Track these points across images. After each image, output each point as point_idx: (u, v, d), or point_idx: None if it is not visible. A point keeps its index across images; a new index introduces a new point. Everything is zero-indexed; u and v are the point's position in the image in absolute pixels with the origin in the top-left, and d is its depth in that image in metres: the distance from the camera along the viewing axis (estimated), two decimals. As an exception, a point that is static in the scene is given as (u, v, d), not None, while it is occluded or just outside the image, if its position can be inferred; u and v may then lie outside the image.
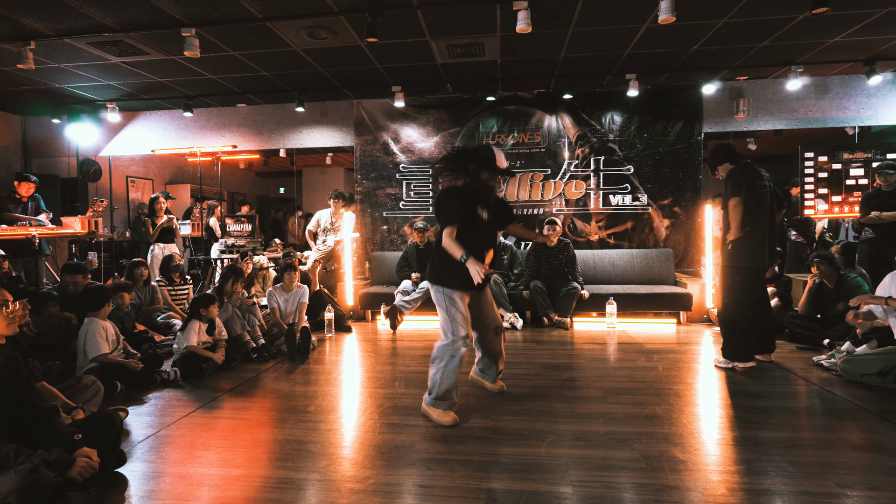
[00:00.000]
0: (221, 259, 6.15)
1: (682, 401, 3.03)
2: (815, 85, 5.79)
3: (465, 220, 2.71)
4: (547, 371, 3.67)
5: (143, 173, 8.67)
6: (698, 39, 4.63)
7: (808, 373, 3.54)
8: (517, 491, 2.01)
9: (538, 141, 6.23)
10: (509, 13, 3.83)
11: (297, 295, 4.70)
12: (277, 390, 3.38)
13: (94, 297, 3.40)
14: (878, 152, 5.83)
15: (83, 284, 4.06)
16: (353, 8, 3.87)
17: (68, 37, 4.26)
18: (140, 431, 2.69)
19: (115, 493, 2.07)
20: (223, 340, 3.95)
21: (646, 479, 2.09)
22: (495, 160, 2.75)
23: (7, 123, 6.86)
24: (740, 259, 3.54)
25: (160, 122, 6.91)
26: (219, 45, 4.56)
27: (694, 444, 2.43)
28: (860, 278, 4.22)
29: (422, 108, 6.40)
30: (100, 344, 3.31)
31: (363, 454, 2.38)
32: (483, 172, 2.77)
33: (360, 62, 5.12)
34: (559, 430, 2.60)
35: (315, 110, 6.61)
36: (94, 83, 5.63)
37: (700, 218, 5.91)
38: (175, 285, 5.22)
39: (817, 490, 1.99)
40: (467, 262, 2.59)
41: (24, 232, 5.03)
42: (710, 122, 5.99)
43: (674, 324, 5.32)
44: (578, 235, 6.21)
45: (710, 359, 3.96)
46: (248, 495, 2.02)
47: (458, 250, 2.63)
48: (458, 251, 2.63)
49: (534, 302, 5.27)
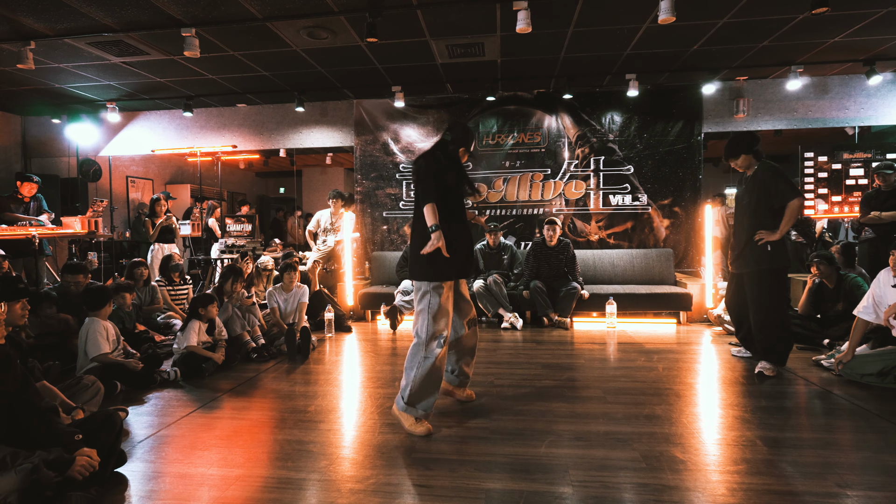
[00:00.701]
0: (221, 259, 6.15)
1: (681, 401, 3.03)
2: (815, 85, 5.79)
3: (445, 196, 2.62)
4: (547, 371, 3.67)
5: (143, 173, 8.67)
6: (698, 39, 4.64)
7: (807, 373, 3.54)
8: (517, 491, 2.01)
9: (538, 141, 6.23)
10: (509, 13, 3.83)
11: (296, 295, 4.70)
12: (277, 390, 3.38)
13: (96, 297, 3.40)
14: (878, 152, 5.84)
15: (84, 284, 4.06)
16: (352, 8, 3.87)
17: (68, 37, 4.26)
18: (140, 431, 2.69)
19: (115, 492, 2.07)
20: (223, 340, 3.96)
21: (646, 479, 2.09)
22: (471, 140, 2.78)
23: (7, 123, 6.85)
24: (782, 260, 3.42)
25: (160, 122, 6.91)
26: (219, 45, 4.56)
27: (694, 443, 2.43)
28: (860, 278, 4.22)
29: (422, 108, 6.40)
30: (100, 343, 3.31)
31: (363, 454, 2.38)
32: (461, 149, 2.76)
33: (360, 62, 5.12)
34: (559, 430, 2.60)
35: (315, 110, 6.61)
36: (94, 83, 5.63)
37: (700, 218, 5.91)
38: (175, 285, 5.22)
39: (817, 490, 1.99)
40: (434, 233, 2.50)
41: (24, 232, 5.03)
42: (709, 122, 5.99)
43: (674, 324, 5.32)
44: (578, 235, 6.21)
45: (711, 359, 3.96)
46: (248, 495, 2.02)
47: (433, 219, 2.52)
48: (433, 219, 2.52)
49: (534, 302, 5.27)
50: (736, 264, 3.64)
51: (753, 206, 3.49)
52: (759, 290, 3.48)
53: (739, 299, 3.69)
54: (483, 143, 6.32)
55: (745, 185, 3.60)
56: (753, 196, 3.49)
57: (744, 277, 3.58)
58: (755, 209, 3.48)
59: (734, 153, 3.53)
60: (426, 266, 2.61)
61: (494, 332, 5.03)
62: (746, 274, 3.54)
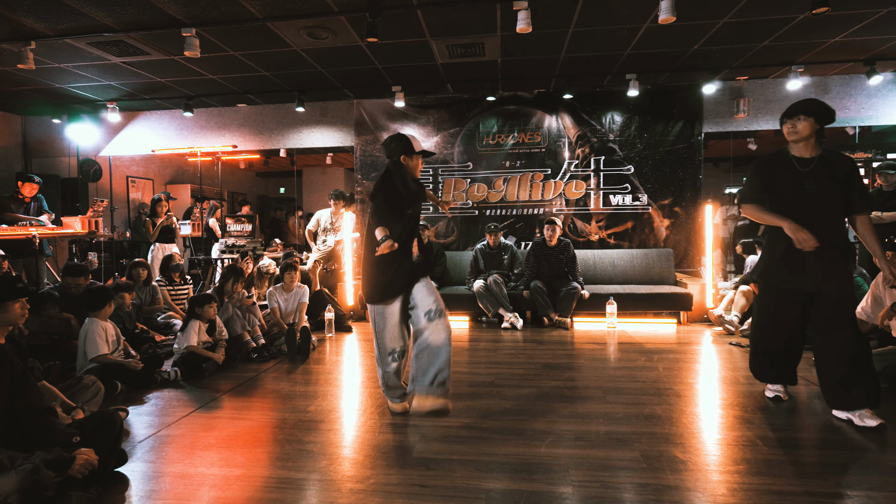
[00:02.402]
0: (222, 259, 6.15)
1: (682, 401, 3.03)
2: (816, 85, 5.79)
3: (394, 217, 2.66)
4: (547, 371, 3.67)
5: (143, 173, 8.67)
6: (698, 39, 4.63)
7: (808, 373, 3.54)
8: (517, 491, 2.01)
9: (538, 141, 6.23)
10: (509, 13, 3.83)
11: (297, 295, 4.70)
12: (278, 390, 3.38)
13: (97, 297, 3.40)
14: (879, 152, 5.84)
15: (85, 286, 4.06)
16: (353, 8, 3.87)
17: (68, 37, 4.26)
18: (140, 431, 2.69)
19: (115, 492, 2.07)
20: (223, 340, 3.96)
21: (646, 479, 2.09)
22: (410, 143, 2.75)
23: (7, 123, 6.86)
24: None
25: (160, 122, 6.91)
26: (219, 45, 4.56)
27: (694, 443, 2.42)
28: (860, 279, 4.22)
29: (422, 108, 6.40)
30: (99, 344, 3.31)
31: (363, 454, 2.38)
32: (404, 157, 2.75)
33: (361, 62, 5.12)
34: (559, 430, 2.59)
35: (315, 110, 6.61)
36: (95, 83, 5.63)
37: (700, 218, 5.91)
38: (175, 285, 5.22)
39: (818, 490, 1.99)
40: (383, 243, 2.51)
41: (24, 232, 5.03)
42: (710, 121, 5.99)
43: (674, 324, 5.31)
44: (579, 235, 6.21)
45: (711, 359, 3.96)
46: (249, 495, 2.02)
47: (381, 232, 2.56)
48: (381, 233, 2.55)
49: (534, 302, 5.27)
50: (811, 281, 2.68)
51: (830, 202, 2.66)
52: (851, 318, 2.71)
53: (797, 327, 2.84)
54: (483, 143, 6.32)
55: (805, 169, 2.69)
56: (830, 187, 2.64)
57: (824, 300, 2.68)
58: (833, 205, 2.66)
59: (808, 112, 2.68)
60: (371, 289, 2.77)
61: (495, 332, 5.03)
62: (836, 298, 2.65)
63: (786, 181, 2.73)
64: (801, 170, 2.70)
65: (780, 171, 2.76)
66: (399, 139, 2.76)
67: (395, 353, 2.77)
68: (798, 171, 2.71)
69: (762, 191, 2.81)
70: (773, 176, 2.78)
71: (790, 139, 2.75)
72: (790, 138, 2.75)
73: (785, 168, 2.75)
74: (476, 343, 4.62)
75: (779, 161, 2.79)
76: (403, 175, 2.73)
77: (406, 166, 2.77)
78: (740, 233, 7.60)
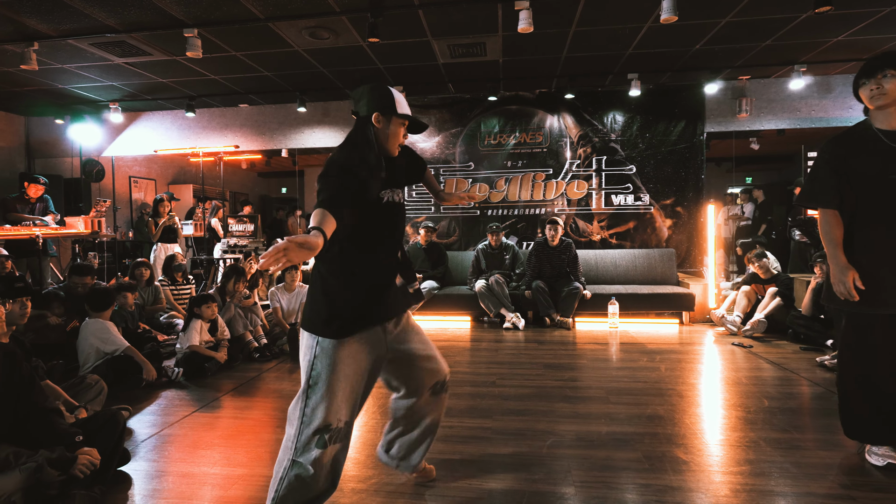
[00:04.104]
0: (224, 259, 6.16)
1: (684, 401, 3.02)
2: (819, 84, 5.77)
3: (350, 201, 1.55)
4: (549, 371, 3.67)
5: (145, 173, 8.69)
6: (700, 39, 4.63)
7: (811, 373, 3.53)
8: (519, 491, 2.01)
9: (540, 141, 6.22)
10: (511, 13, 3.83)
11: (299, 294, 4.71)
12: (279, 390, 3.39)
13: (100, 298, 3.42)
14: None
15: (91, 285, 4.07)
16: (354, 8, 3.88)
17: (71, 38, 4.27)
18: (143, 430, 2.70)
19: (118, 491, 2.07)
20: (226, 340, 3.97)
21: (648, 479, 2.09)
22: (391, 97, 1.71)
23: (11, 124, 6.88)
24: None
25: (163, 122, 6.93)
26: (221, 45, 4.57)
27: (696, 444, 2.42)
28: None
29: (423, 108, 6.40)
30: (117, 338, 3.36)
31: (365, 454, 2.38)
32: (377, 115, 1.69)
33: (362, 62, 5.13)
34: (561, 431, 2.59)
35: (317, 110, 6.62)
36: (97, 84, 5.64)
37: (703, 218, 5.90)
38: (178, 285, 5.23)
39: (820, 491, 1.98)
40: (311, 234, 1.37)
41: (28, 232, 5.04)
42: (712, 121, 5.98)
43: (676, 324, 5.30)
44: (580, 235, 6.20)
45: (713, 359, 3.95)
46: (251, 494, 2.02)
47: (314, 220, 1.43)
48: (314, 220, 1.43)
49: (535, 302, 5.27)
50: None
51: None
52: None
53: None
54: (485, 143, 6.32)
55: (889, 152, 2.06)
56: None
57: None
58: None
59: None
60: (324, 313, 1.62)
61: (496, 332, 5.03)
62: None
63: (870, 163, 2.06)
64: (893, 145, 2.04)
65: (862, 151, 2.09)
66: (374, 89, 1.71)
67: (329, 431, 1.58)
68: (888, 148, 2.04)
69: (840, 189, 2.11)
70: (854, 158, 2.10)
71: (874, 105, 2.08)
72: (874, 103, 2.07)
73: (869, 145, 2.08)
74: (478, 343, 4.62)
75: (859, 137, 2.12)
76: (371, 141, 1.67)
77: (379, 131, 1.71)
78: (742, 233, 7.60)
